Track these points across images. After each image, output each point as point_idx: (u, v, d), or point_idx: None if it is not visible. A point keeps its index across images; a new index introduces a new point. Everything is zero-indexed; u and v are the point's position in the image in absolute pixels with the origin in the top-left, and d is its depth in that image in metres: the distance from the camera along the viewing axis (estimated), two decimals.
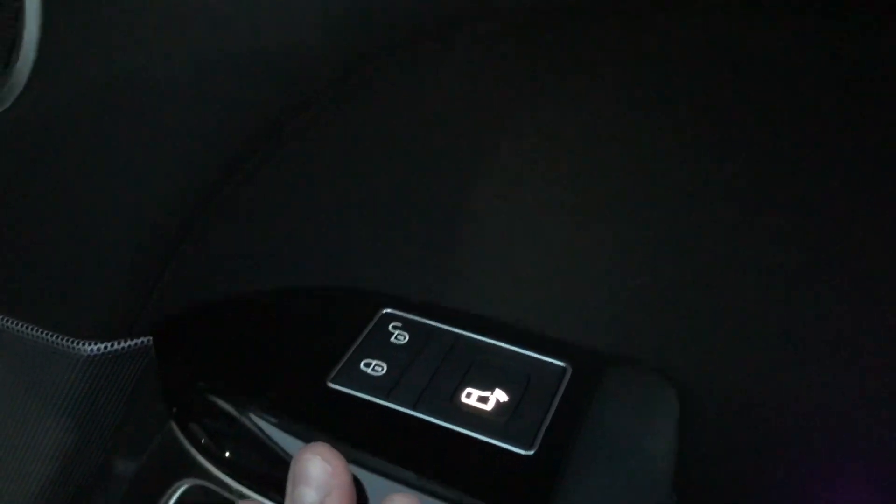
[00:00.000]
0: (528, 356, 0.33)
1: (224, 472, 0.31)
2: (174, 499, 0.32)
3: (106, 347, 0.35)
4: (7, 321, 0.35)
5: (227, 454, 0.31)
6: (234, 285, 0.37)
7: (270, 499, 0.29)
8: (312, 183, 0.34)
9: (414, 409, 0.30)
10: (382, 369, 0.32)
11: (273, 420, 0.30)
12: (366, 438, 0.29)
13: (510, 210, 0.34)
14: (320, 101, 0.28)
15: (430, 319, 0.35)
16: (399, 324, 0.35)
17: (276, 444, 0.30)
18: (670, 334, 0.34)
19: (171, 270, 0.33)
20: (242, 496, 0.30)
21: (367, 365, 0.32)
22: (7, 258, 0.33)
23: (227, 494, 0.30)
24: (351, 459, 0.27)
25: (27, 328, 0.35)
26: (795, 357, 0.32)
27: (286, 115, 0.27)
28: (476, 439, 0.29)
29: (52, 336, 0.35)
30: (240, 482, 0.30)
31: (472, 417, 0.30)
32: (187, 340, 0.36)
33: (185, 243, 0.31)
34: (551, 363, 0.33)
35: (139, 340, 0.35)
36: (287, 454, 0.29)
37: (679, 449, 0.33)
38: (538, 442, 0.29)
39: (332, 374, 0.32)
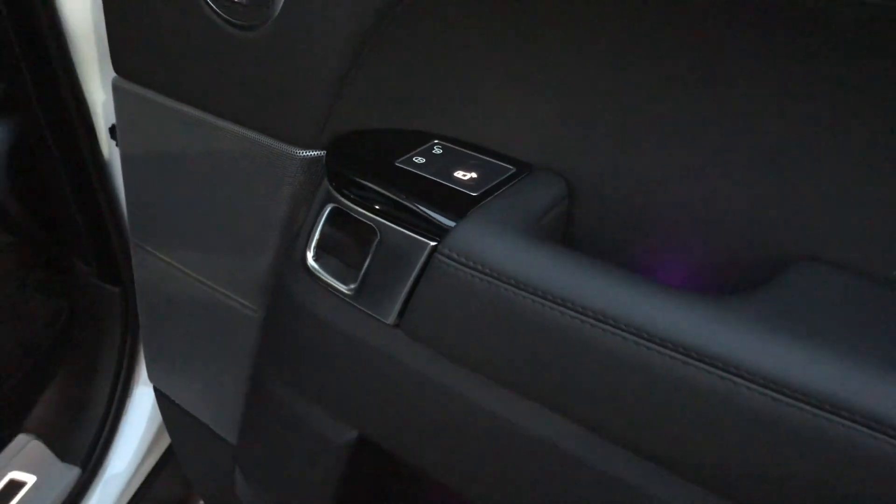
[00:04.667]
0: (494, 162, 0.64)
1: (350, 201, 0.65)
2: (326, 213, 0.67)
3: (308, 153, 0.66)
4: (257, 135, 0.65)
5: (350, 195, 0.66)
6: (365, 124, 0.71)
7: (368, 210, 0.64)
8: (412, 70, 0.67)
9: (433, 176, 0.63)
10: (424, 160, 0.65)
11: (369, 179, 0.64)
12: (408, 186, 0.62)
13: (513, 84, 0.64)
14: None
15: (453, 144, 0.67)
16: (439, 146, 0.68)
17: (368, 189, 0.64)
18: (577, 154, 0.63)
19: (333, 112, 0.67)
20: (357, 213, 0.65)
21: (417, 158, 0.65)
22: (262, 95, 0.66)
23: (352, 213, 0.65)
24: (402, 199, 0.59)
25: (271, 140, 0.64)
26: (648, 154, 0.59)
27: None
28: (455, 188, 0.61)
29: (285, 145, 0.64)
30: (358, 206, 0.65)
31: (458, 181, 0.62)
32: (339, 151, 0.66)
33: (340, 95, 0.66)
34: (505, 165, 0.64)
35: (321, 152, 0.69)
36: (372, 191, 0.63)
37: (568, 216, 0.62)
38: (481, 191, 0.61)
39: (398, 161, 0.65)
